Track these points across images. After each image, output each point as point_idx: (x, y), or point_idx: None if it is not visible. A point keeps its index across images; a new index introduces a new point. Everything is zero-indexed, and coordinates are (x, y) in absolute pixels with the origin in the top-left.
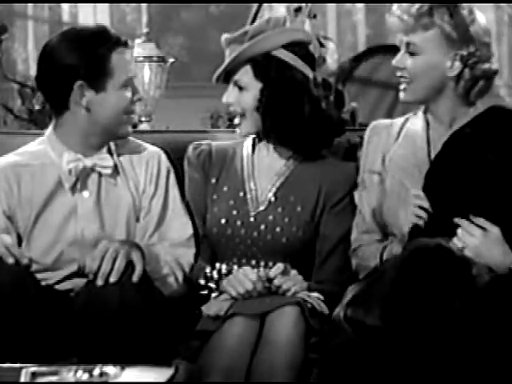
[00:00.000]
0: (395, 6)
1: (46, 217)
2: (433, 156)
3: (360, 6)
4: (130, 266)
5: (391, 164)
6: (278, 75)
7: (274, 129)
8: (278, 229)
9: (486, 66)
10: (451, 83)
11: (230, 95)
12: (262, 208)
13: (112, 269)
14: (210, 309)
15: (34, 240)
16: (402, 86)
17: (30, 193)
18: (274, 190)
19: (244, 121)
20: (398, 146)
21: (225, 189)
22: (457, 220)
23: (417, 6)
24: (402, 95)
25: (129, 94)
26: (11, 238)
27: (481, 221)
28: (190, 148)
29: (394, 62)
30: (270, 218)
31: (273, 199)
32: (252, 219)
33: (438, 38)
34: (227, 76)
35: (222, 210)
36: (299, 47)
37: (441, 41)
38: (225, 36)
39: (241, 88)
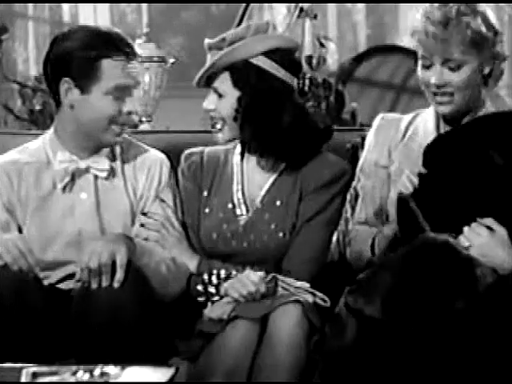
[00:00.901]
0: (426, 25)
1: (43, 216)
2: None
3: (360, 6)
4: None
5: (399, 156)
6: (255, 84)
7: (252, 139)
8: (265, 237)
9: (504, 50)
10: (482, 81)
11: (210, 102)
12: (249, 216)
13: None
14: (213, 312)
15: (31, 239)
16: (442, 100)
17: (28, 190)
18: (261, 196)
19: (224, 127)
20: (406, 142)
21: (215, 201)
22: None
23: (453, 21)
24: (442, 108)
25: (117, 103)
26: (12, 230)
27: (489, 221)
28: (183, 158)
29: (434, 81)
30: (258, 226)
31: (260, 206)
32: (241, 229)
33: (478, 44)
34: (209, 80)
35: (213, 225)
36: (281, 55)
37: (480, 45)
38: (206, 41)
39: (220, 95)
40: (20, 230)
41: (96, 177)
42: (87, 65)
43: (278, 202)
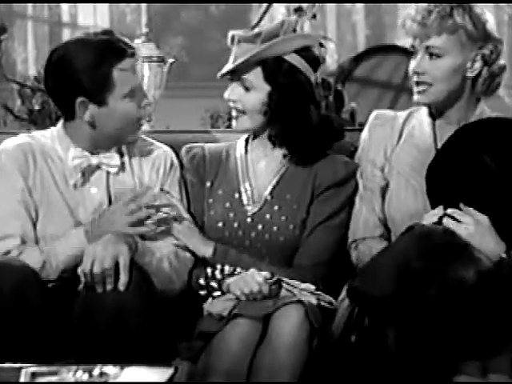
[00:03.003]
0: (413, 12)
1: (55, 214)
2: None
3: (360, 6)
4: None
5: (397, 160)
6: (287, 80)
7: (281, 132)
8: (275, 228)
9: (502, 62)
10: (468, 84)
11: (234, 92)
12: (258, 207)
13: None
14: (213, 307)
15: (42, 233)
16: (419, 88)
17: (43, 181)
18: (270, 188)
19: (242, 117)
20: (403, 142)
21: (220, 192)
22: (449, 211)
23: (437, 8)
24: (419, 97)
25: (133, 103)
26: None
27: (470, 210)
28: (183, 151)
29: (413, 66)
30: (267, 217)
31: (269, 198)
32: (249, 220)
33: (462, 40)
34: (231, 73)
35: (219, 214)
36: (308, 52)
37: (464, 42)
38: (234, 33)
39: (247, 88)
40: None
41: (107, 172)
42: (100, 80)
43: (289, 196)
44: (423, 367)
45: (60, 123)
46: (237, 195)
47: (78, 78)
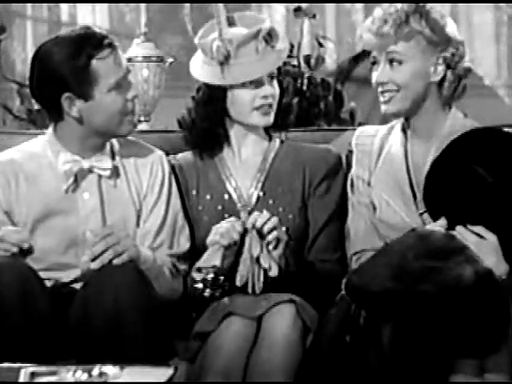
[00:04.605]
0: (369, 23)
1: (48, 221)
2: (412, 171)
3: (359, 6)
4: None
5: (377, 181)
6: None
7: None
8: None
9: (466, 64)
10: (434, 89)
11: (269, 88)
12: (252, 205)
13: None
14: (204, 263)
15: (36, 242)
16: (384, 98)
17: (28, 195)
18: (259, 185)
19: (272, 112)
20: (382, 161)
21: (207, 197)
22: (457, 229)
23: (393, 16)
24: (385, 107)
25: (121, 95)
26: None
27: (478, 228)
28: None
29: (376, 78)
30: (264, 212)
31: (261, 194)
32: (246, 218)
33: (421, 45)
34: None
35: (214, 218)
36: None
37: (424, 47)
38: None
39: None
40: None
41: (99, 176)
42: (80, 73)
43: (280, 189)
44: (419, 366)
45: (50, 129)
46: (226, 196)
47: (59, 73)
